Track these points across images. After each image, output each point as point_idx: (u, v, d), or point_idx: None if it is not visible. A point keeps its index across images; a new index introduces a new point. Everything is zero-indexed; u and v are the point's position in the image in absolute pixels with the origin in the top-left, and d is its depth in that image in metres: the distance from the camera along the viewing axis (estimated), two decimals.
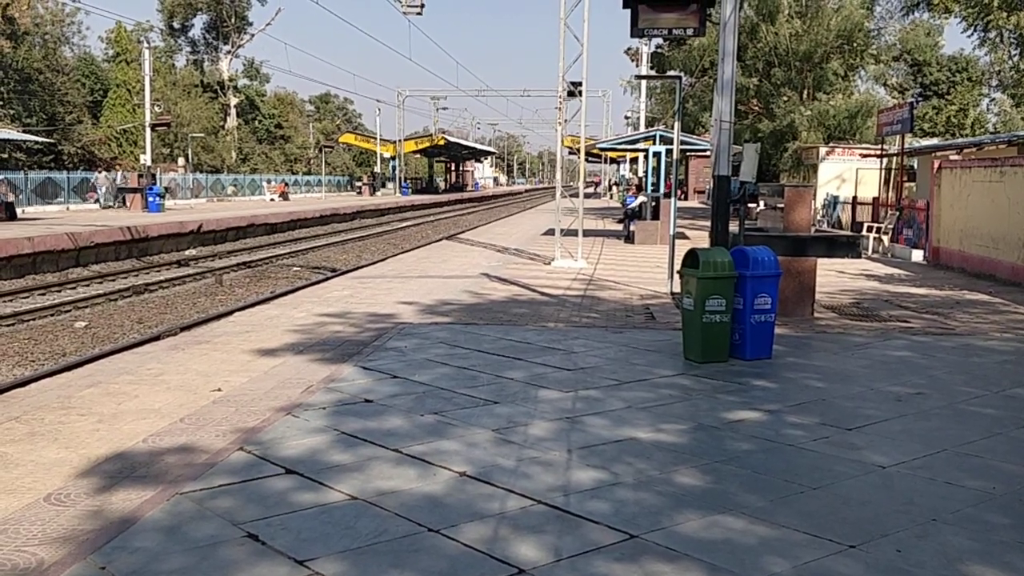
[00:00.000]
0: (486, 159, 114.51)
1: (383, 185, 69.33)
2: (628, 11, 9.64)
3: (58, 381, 7.67)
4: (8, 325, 13.77)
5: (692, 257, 8.12)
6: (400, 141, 71.32)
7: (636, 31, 9.50)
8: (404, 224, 40.66)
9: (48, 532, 4.22)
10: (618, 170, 77.65)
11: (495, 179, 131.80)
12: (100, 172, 39.41)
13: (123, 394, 6.91)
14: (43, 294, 17.14)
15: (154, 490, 4.75)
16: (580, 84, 17.46)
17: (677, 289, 12.64)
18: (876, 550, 4.13)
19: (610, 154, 49.58)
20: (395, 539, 4.16)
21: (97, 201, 37.04)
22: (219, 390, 6.98)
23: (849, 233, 16.30)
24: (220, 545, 4.06)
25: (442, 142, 72.31)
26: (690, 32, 9.53)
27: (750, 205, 9.67)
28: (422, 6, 20.21)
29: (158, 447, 5.51)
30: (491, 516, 4.45)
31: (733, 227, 10.17)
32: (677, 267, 9.06)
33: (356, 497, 4.69)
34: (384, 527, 4.30)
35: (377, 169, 72.91)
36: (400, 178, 70.83)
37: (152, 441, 5.64)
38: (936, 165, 19.13)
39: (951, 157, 20.31)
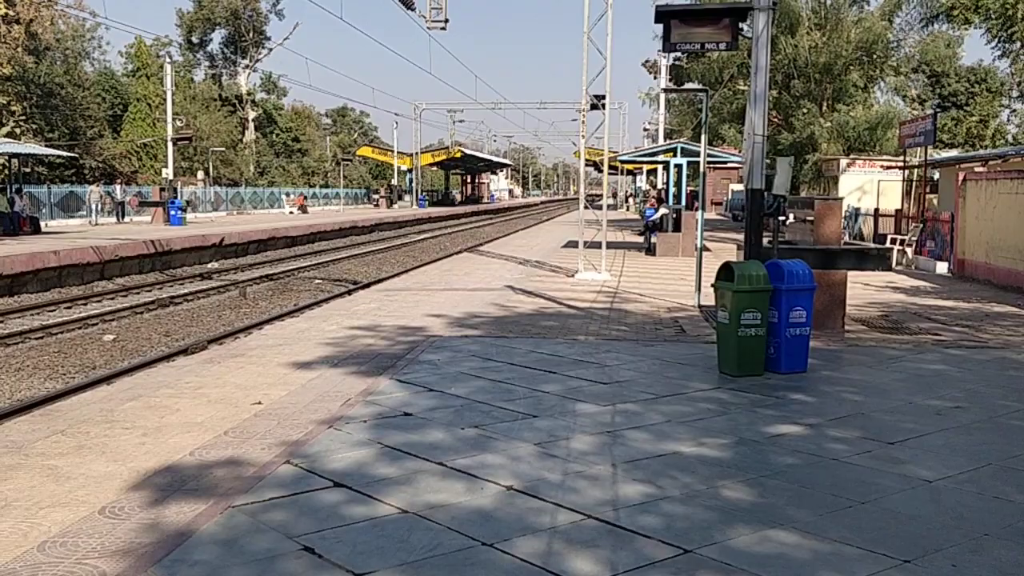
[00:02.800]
0: (501, 171, 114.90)
1: (400, 197, 69.61)
2: (655, 25, 9.71)
3: (99, 395, 7.75)
4: (37, 338, 13.89)
5: (727, 270, 8.12)
6: (417, 154, 71.61)
7: (668, 46, 9.53)
8: (422, 236, 40.78)
9: (107, 545, 4.26)
10: (634, 182, 77.73)
11: (510, 191, 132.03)
12: (93, 185, 38.08)
13: (165, 407, 6.97)
14: (69, 307, 17.28)
15: (206, 503, 4.80)
16: (603, 97, 17.53)
17: (705, 302, 12.66)
18: (932, 565, 4.12)
19: (627, 166, 49.61)
20: (450, 553, 4.18)
21: (91, 214, 35.54)
22: (259, 403, 7.03)
23: (879, 246, 16.27)
24: (278, 558, 4.10)
25: (458, 154, 72.61)
26: (723, 47, 9.55)
27: (779, 218, 9.67)
28: (446, 21, 20.34)
29: (206, 460, 5.56)
30: (543, 530, 4.47)
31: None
32: (704, 280, 9.10)
33: (406, 510, 4.71)
34: (438, 541, 4.32)
35: (394, 181, 73.23)
36: (417, 190, 71.10)
37: (199, 454, 5.69)
38: (961, 177, 19.06)
39: (976, 169, 20.22)
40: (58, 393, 9.54)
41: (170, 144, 37.90)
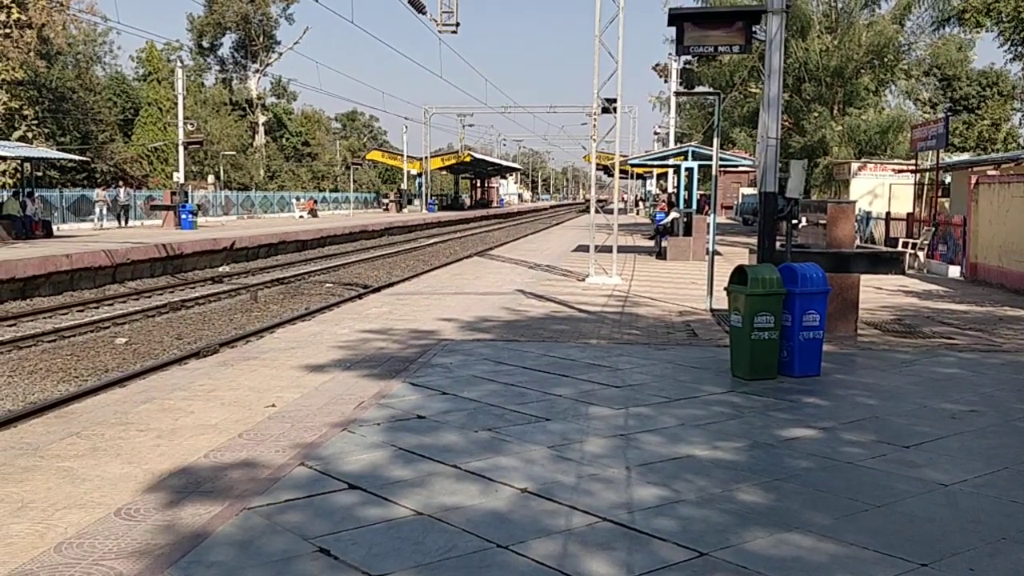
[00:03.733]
0: (511, 175, 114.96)
1: (409, 202, 69.71)
2: (668, 28, 9.73)
3: (113, 397, 7.78)
4: (50, 341, 13.96)
5: (740, 274, 8.11)
6: (426, 158, 71.73)
7: (681, 48, 9.53)
8: (432, 240, 40.84)
9: (123, 546, 4.28)
10: (643, 185, 77.66)
11: (519, 195, 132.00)
12: (98, 189, 38.19)
13: (179, 410, 6.99)
14: (81, 310, 17.35)
15: (222, 505, 4.81)
16: (615, 101, 17.52)
17: (716, 306, 12.63)
18: (949, 569, 4.10)
19: (637, 170, 49.52)
20: (466, 555, 4.18)
21: (100, 219, 35.58)
22: (273, 406, 7.05)
23: (892, 249, 16.22)
24: (294, 559, 4.10)
25: (468, 159, 72.67)
26: (736, 49, 9.54)
27: (791, 221, 9.62)
28: (457, 24, 20.38)
29: (220, 462, 5.57)
30: (558, 533, 4.46)
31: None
32: (716, 284, 9.07)
33: (421, 512, 4.72)
34: (453, 543, 4.32)
35: (404, 186, 73.34)
36: (427, 195, 71.17)
37: (214, 456, 5.70)
38: (974, 180, 18.98)
39: (989, 172, 20.13)
40: (72, 395, 9.59)
41: (181, 148, 38.04)
